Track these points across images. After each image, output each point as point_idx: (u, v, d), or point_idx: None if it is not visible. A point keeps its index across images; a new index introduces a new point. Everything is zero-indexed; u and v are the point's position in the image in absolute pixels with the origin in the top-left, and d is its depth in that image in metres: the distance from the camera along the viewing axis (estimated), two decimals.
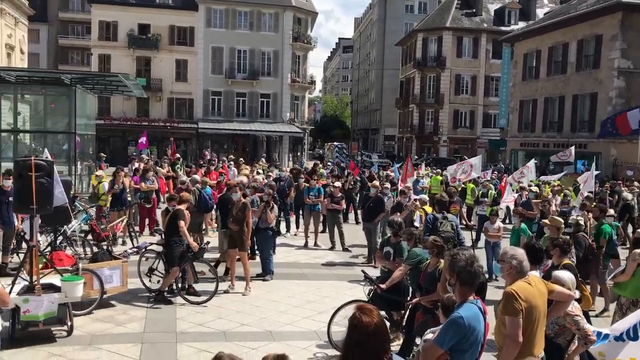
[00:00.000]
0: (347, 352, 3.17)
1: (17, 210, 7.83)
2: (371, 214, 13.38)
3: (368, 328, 3.11)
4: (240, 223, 10.28)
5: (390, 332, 6.17)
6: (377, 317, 3.18)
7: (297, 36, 51.12)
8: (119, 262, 9.20)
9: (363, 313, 3.17)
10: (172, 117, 49.64)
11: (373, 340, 3.11)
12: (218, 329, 8.27)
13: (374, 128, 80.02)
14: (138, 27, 49.06)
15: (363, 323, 3.12)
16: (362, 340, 3.11)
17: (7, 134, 18.14)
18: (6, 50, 48.34)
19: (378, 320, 3.16)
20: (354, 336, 3.14)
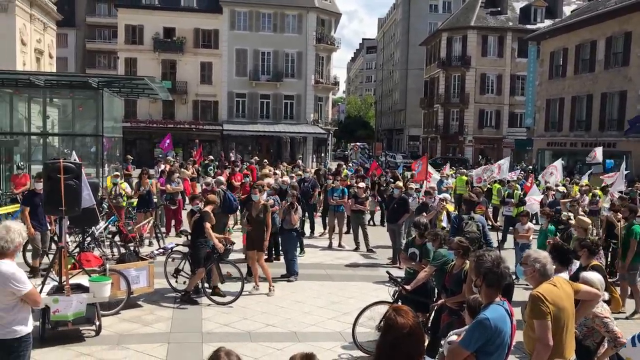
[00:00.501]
0: (381, 353, 3.15)
1: (46, 212, 7.98)
2: (395, 215, 13.32)
3: (403, 329, 3.08)
4: (260, 224, 10.33)
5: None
6: (412, 319, 3.15)
7: (320, 37, 51.16)
8: (146, 263, 9.31)
9: (398, 314, 3.15)
10: (197, 119, 50.10)
11: (408, 341, 3.09)
12: (243, 329, 8.31)
13: (398, 128, 79.66)
14: (163, 31, 49.64)
15: (398, 324, 3.10)
16: (396, 341, 3.09)
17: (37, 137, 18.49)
18: (35, 54, 49.32)
19: (413, 322, 3.14)
20: (389, 337, 3.12)
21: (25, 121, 18.46)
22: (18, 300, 4.84)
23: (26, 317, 4.96)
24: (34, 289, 5.05)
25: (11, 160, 18.10)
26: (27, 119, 18.46)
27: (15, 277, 4.77)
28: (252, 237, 10.41)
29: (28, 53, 47.37)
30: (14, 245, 4.86)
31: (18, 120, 18.12)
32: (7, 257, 4.85)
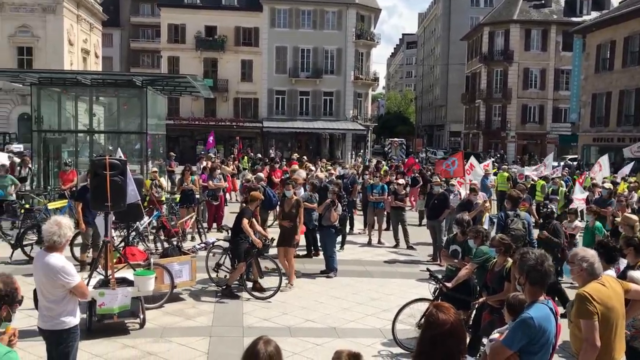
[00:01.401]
0: (422, 349, 3.13)
1: (92, 207, 8.18)
2: (436, 211, 13.19)
3: (444, 326, 3.06)
4: (291, 220, 10.39)
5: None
6: (453, 316, 3.13)
7: (360, 33, 50.97)
8: (188, 257, 9.48)
9: (440, 311, 3.13)
10: (238, 116, 50.63)
11: (448, 339, 3.06)
12: (283, 324, 8.37)
13: (439, 124, 78.81)
14: (205, 29, 50.29)
15: (439, 321, 3.08)
16: (437, 338, 3.07)
17: (84, 135, 18.98)
18: (82, 54, 50.68)
19: (455, 319, 3.11)
20: (429, 334, 3.10)
21: (73, 119, 18.98)
22: (67, 292, 5.00)
23: (74, 309, 5.12)
24: (82, 282, 5.22)
25: (59, 157, 18.64)
26: (74, 117, 18.97)
27: (64, 270, 4.93)
28: (283, 233, 10.46)
29: (75, 53, 48.74)
30: (65, 240, 5.03)
31: (66, 119, 18.64)
32: (57, 251, 5.02)
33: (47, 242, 5.03)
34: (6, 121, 45.97)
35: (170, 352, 7.15)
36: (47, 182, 17.81)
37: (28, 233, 12.11)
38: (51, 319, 5.02)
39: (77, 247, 11.38)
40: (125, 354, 7.06)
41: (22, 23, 45.31)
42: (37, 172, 17.63)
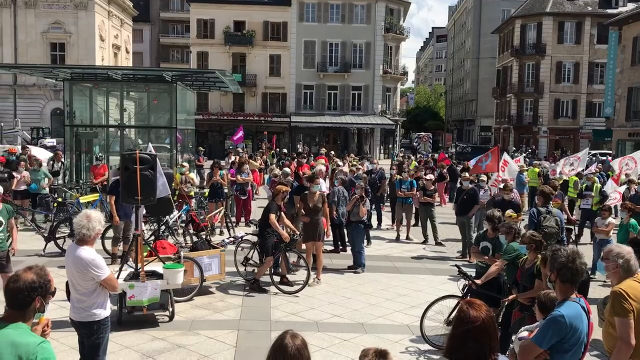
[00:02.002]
0: (452, 346, 3.10)
1: (123, 201, 8.29)
2: (465, 207, 13.04)
3: (475, 323, 3.02)
4: (317, 214, 10.38)
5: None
6: (485, 313, 3.08)
7: (389, 27, 50.65)
8: (217, 251, 9.56)
9: (471, 307, 3.09)
10: (266, 111, 50.84)
11: (480, 335, 3.02)
12: (311, 319, 8.38)
13: (469, 119, 77.92)
14: (234, 24, 50.58)
15: (471, 317, 3.04)
16: (468, 335, 3.03)
17: (115, 129, 19.26)
18: (113, 50, 51.44)
19: (486, 316, 3.07)
20: (461, 330, 3.06)
21: (104, 114, 19.28)
22: (97, 285, 5.08)
23: (104, 302, 5.20)
24: (112, 275, 5.29)
25: (91, 151, 18.97)
26: (105, 112, 19.26)
27: (94, 263, 5.00)
28: (308, 229, 10.45)
29: (106, 48, 49.50)
30: (94, 233, 5.10)
31: (97, 113, 18.93)
32: (87, 244, 5.10)
33: (77, 235, 5.12)
34: (39, 116, 46.98)
35: (199, 345, 7.22)
36: (79, 176, 18.13)
37: (61, 226, 12.34)
38: (82, 311, 5.11)
39: (108, 240, 11.57)
40: (154, 346, 7.15)
41: (54, 19, 46.19)
42: (70, 166, 17.95)
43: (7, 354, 3.00)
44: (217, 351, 7.06)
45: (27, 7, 45.85)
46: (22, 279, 3.16)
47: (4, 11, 45.94)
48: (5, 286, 3.19)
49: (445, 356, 3.13)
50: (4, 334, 3.06)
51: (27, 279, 3.17)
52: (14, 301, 3.17)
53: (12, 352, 3.00)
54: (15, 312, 3.17)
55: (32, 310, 3.22)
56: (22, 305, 3.18)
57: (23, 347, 3.03)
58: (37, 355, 3.02)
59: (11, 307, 3.19)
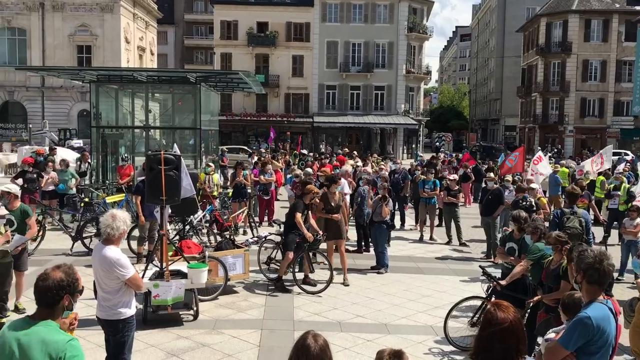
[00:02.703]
0: (479, 347, 3.10)
1: (148, 201, 8.40)
2: (490, 208, 12.90)
3: (503, 324, 3.03)
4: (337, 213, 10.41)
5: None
6: (512, 314, 3.09)
7: (412, 26, 50.43)
8: (242, 250, 9.62)
9: (499, 309, 3.09)
10: (289, 111, 51.00)
11: (508, 337, 3.02)
12: (334, 319, 8.38)
13: (493, 118, 77.16)
14: (257, 25, 50.83)
15: (498, 319, 3.04)
16: (495, 336, 3.03)
17: (140, 130, 19.49)
18: (138, 52, 52.07)
19: (514, 317, 3.07)
20: (488, 332, 3.07)
21: (129, 115, 19.51)
22: (122, 284, 5.15)
23: (130, 301, 5.27)
24: (137, 274, 5.36)
25: (117, 152, 19.21)
26: (130, 113, 19.50)
27: (120, 263, 5.07)
28: (330, 228, 10.45)
29: (132, 50, 50.12)
30: (119, 233, 5.17)
31: (123, 115, 19.17)
32: (113, 244, 5.17)
33: (103, 234, 5.21)
34: (67, 117, 47.76)
35: (223, 344, 7.27)
36: (105, 177, 18.38)
37: (87, 226, 12.54)
38: (108, 309, 5.18)
39: (133, 240, 11.72)
40: (179, 345, 7.22)
41: (81, 22, 46.91)
42: (96, 166, 18.21)
43: (38, 351, 3.06)
44: (240, 350, 7.10)
45: (54, 11, 46.65)
46: (51, 278, 3.22)
47: (33, 15, 46.80)
48: (35, 284, 3.26)
49: (472, 358, 3.13)
50: (34, 332, 3.13)
51: (55, 277, 3.23)
52: (43, 299, 3.23)
53: (42, 350, 3.06)
54: (44, 310, 3.24)
55: (60, 308, 3.29)
56: (51, 303, 3.24)
57: (52, 344, 3.08)
58: (66, 353, 3.08)
59: (40, 305, 3.25)
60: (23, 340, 3.10)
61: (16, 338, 3.12)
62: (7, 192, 8.10)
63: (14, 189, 8.42)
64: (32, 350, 3.06)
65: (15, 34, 47.63)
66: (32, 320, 3.21)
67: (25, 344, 3.09)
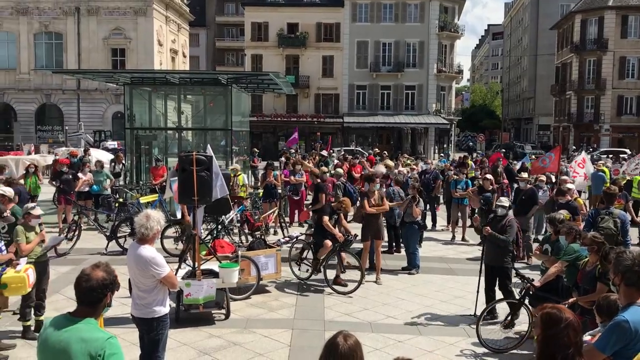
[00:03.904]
0: (545, 348, 3.21)
1: (180, 201, 8.51)
2: (523, 208, 12.66)
3: (566, 322, 3.17)
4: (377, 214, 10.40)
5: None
6: (571, 313, 3.23)
7: (443, 25, 50.01)
8: (274, 250, 9.69)
9: (557, 309, 3.22)
10: (319, 112, 51.09)
11: (572, 336, 3.15)
12: (364, 319, 8.36)
13: (526, 117, 75.94)
14: (287, 26, 51.03)
15: (562, 318, 3.17)
16: (560, 336, 3.15)
17: (172, 132, 19.75)
18: (170, 54, 52.79)
19: (574, 316, 3.21)
20: (553, 332, 3.18)
21: (162, 117, 19.79)
22: (157, 282, 5.23)
23: (164, 299, 5.35)
24: (172, 273, 5.43)
25: (150, 153, 19.50)
26: (163, 115, 19.77)
27: (155, 261, 5.16)
28: (367, 228, 10.43)
29: (164, 53, 50.86)
30: (153, 232, 5.25)
31: (156, 116, 19.45)
32: (147, 243, 5.26)
33: (137, 234, 5.30)
34: (101, 119, 48.71)
35: (254, 343, 7.32)
36: (139, 177, 18.67)
37: (122, 225, 12.76)
38: (143, 308, 5.27)
39: (167, 240, 11.88)
40: (211, 343, 7.30)
41: (115, 26, 47.82)
42: (130, 167, 18.51)
43: (77, 349, 3.12)
44: (271, 349, 7.14)
45: (89, 15, 47.65)
46: (94, 278, 3.27)
47: (69, 19, 47.89)
48: (78, 284, 3.30)
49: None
50: (74, 330, 3.19)
51: (98, 277, 3.28)
52: (87, 298, 3.28)
53: (82, 348, 3.11)
54: (86, 309, 3.29)
55: (102, 305, 3.36)
56: (95, 301, 3.30)
57: (92, 342, 3.13)
58: (105, 350, 3.13)
59: (83, 303, 3.30)
60: (63, 337, 3.17)
61: (57, 335, 3.19)
62: (2, 195, 8.19)
63: (8, 191, 8.51)
64: (72, 347, 3.12)
65: (52, 38, 48.83)
66: (72, 317, 3.27)
67: (65, 340, 3.15)
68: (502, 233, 8.09)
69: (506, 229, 8.16)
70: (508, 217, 8.37)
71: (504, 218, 8.30)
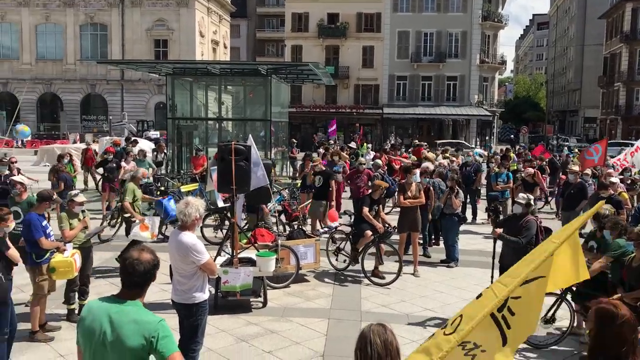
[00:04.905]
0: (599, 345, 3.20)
1: (219, 190, 8.63)
2: (572, 202, 12.33)
3: (624, 318, 3.14)
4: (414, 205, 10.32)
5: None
6: (628, 310, 3.19)
7: (486, 15, 49.04)
8: (313, 240, 9.74)
9: (613, 305, 3.20)
10: (358, 103, 50.84)
11: (629, 333, 3.13)
12: (401, 311, 8.32)
13: (572, 109, 74.01)
14: (327, 17, 50.87)
15: (619, 315, 3.14)
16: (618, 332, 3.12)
17: (213, 122, 19.99)
18: (212, 45, 53.34)
19: (631, 313, 3.17)
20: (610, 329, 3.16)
21: (203, 107, 20.04)
22: (197, 269, 5.32)
23: (203, 285, 5.43)
24: (211, 260, 5.52)
25: (191, 143, 19.79)
26: (204, 105, 20.02)
27: (195, 248, 5.24)
28: (404, 219, 10.34)
29: (206, 44, 51.44)
30: (192, 219, 5.32)
31: (197, 107, 19.71)
32: (188, 229, 5.35)
33: (178, 220, 5.39)
34: (144, 109, 49.66)
35: (291, 331, 7.38)
36: (180, 167, 18.98)
37: None
38: (183, 293, 5.36)
39: (207, 228, 12.05)
40: (248, 331, 7.38)
41: (158, 17, 48.59)
42: (171, 157, 18.83)
43: (130, 330, 3.14)
44: (308, 338, 7.18)
45: (133, 6, 48.54)
46: (143, 261, 3.29)
47: (113, 10, 48.89)
48: (128, 269, 3.29)
49: (590, 357, 3.23)
50: (124, 311, 3.21)
51: (147, 259, 3.31)
52: (140, 280, 3.30)
53: (135, 330, 3.14)
54: (134, 291, 3.30)
55: (148, 287, 3.39)
56: (144, 284, 3.33)
57: (145, 325, 3.16)
58: (159, 333, 3.15)
59: (133, 286, 3.31)
60: (114, 319, 3.18)
61: (108, 316, 3.20)
62: (21, 183, 8.39)
63: (26, 181, 8.77)
64: (124, 329, 3.14)
65: (97, 30, 49.97)
66: (119, 299, 3.29)
67: (117, 322, 3.17)
68: (518, 234, 7.52)
69: (522, 230, 7.55)
70: (527, 217, 7.71)
71: (522, 217, 7.72)
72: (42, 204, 7.23)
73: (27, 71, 49.77)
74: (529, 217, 7.71)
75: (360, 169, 13.84)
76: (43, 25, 50.10)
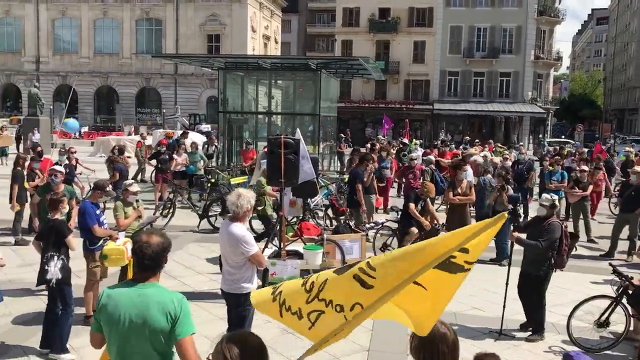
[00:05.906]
0: None
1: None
2: (632, 204, 11.88)
3: None
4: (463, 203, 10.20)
5: None
6: None
7: (542, 10, 47.71)
8: (359, 235, 9.73)
9: None
10: (408, 98, 50.37)
11: None
12: (448, 309, 8.09)
13: (631, 108, 71.29)
14: (379, 11, 50.54)
15: None
16: None
17: (263, 116, 20.21)
18: (263, 40, 53.84)
19: None
20: None
21: (254, 101, 20.28)
22: (246, 260, 5.41)
23: (252, 276, 5.53)
24: (260, 251, 5.60)
25: (241, 136, 20.08)
26: (255, 100, 20.26)
27: (244, 239, 5.33)
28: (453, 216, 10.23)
29: (257, 39, 51.95)
30: (243, 211, 5.41)
31: (247, 101, 19.97)
32: (239, 221, 5.44)
33: (229, 212, 5.50)
34: (197, 103, 50.58)
35: None
36: (230, 159, 19.29)
37: (213, 205, 13.25)
38: (232, 283, 5.47)
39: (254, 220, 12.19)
40: None
41: (211, 12, 49.34)
42: (222, 150, 19.14)
43: (156, 311, 3.26)
44: (353, 332, 7.17)
45: (187, 2, 49.47)
46: (153, 244, 3.36)
47: (168, 6, 49.94)
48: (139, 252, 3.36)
49: None
50: (147, 294, 3.31)
51: (157, 242, 3.38)
52: (149, 264, 3.37)
53: (160, 310, 3.26)
54: (149, 273, 3.39)
55: (161, 268, 3.47)
56: (157, 266, 3.41)
57: (168, 304, 3.29)
58: (182, 306, 3.31)
59: (144, 269, 3.39)
60: (138, 302, 3.29)
61: (131, 300, 3.30)
62: (60, 172, 8.63)
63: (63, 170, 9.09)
64: (151, 311, 3.26)
65: (152, 25, 51.15)
66: (135, 282, 3.38)
67: (142, 305, 3.28)
68: (540, 236, 7.13)
69: (543, 233, 7.14)
70: (551, 219, 7.28)
71: (545, 220, 7.30)
72: (95, 192, 7.47)
73: (85, 65, 51.45)
74: (553, 219, 7.29)
75: (412, 164, 13.75)
76: (101, 20, 51.65)
